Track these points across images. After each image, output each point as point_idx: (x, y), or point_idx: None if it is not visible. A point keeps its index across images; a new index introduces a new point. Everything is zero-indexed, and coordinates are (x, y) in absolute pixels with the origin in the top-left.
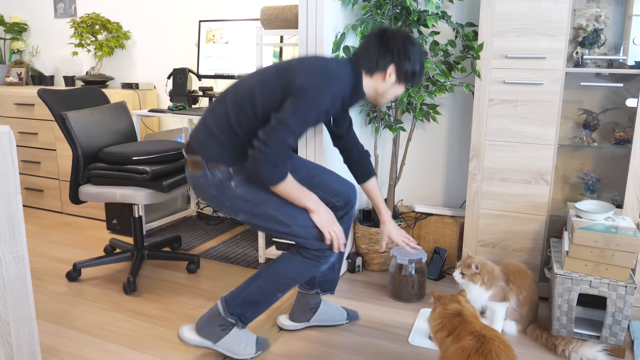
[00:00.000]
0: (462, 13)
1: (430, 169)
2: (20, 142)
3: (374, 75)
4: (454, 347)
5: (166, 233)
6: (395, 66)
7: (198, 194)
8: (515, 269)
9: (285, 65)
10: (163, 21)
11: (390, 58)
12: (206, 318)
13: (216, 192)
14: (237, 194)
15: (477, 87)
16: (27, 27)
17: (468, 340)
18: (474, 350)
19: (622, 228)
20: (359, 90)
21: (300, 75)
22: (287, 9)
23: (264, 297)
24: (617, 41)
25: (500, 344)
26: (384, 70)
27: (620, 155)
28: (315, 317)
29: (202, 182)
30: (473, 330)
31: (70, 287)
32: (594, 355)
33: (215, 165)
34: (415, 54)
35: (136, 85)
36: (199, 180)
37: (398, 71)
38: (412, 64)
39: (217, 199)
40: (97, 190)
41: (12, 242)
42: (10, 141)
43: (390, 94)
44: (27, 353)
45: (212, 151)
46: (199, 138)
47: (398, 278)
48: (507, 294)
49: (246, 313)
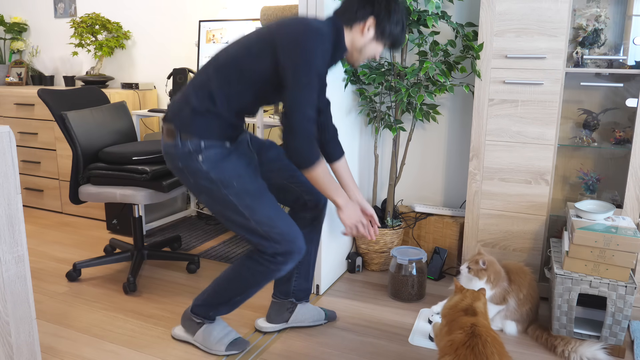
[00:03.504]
0: (462, 13)
1: (430, 169)
2: (20, 142)
3: (353, 27)
4: (445, 340)
5: (166, 233)
6: (375, 19)
7: (168, 165)
8: (513, 268)
9: (266, 30)
10: (163, 21)
11: (370, 10)
12: (184, 314)
13: (182, 165)
14: (202, 169)
15: (477, 87)
16: (27, 27)
17: (457, 334)
18: (462, 344)
19: (622, 228)
20: (340, 46)
21: (284, 36)
22: (287, 9)
23: (222, 299)
24: (617, 41)
25: (488, 337)
26: (362, 21)
27: (620, 155)
28: (293, 318)
29: (172, 152)
30: (463, 325)
31: (70, 287)
32: (593, 353)
33: (187, 135)
34: (397, 13)
35: (136, 85)
36: (170, 150)
37: (377, 25)
38: (392, 23)
39: (183, 173)
40: (97, 190)
41: (12, 242)
42: (10, 141)
43: (369, 51)
44: (27, 353)
45: (185, 119)
46: (175, 106)
47: (398, 278)
48: (507, 296)
49: (209, 312)
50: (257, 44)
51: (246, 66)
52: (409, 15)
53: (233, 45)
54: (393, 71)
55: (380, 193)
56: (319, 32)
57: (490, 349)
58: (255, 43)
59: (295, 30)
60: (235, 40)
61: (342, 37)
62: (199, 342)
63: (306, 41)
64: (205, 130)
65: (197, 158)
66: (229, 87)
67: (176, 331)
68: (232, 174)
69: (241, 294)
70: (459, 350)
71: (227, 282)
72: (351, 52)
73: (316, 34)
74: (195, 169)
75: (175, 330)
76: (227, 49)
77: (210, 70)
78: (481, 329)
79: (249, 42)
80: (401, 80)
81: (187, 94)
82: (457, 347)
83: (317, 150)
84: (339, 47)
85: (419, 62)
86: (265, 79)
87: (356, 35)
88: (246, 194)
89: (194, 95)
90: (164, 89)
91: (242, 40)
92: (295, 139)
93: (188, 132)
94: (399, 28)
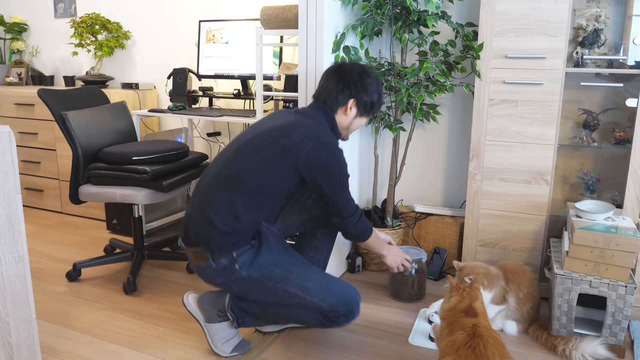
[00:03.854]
0: (462, 13)
1: (430, 169)
2: (20, 142)
3: (337, 111)
4: (446, 340)
5: (166, 233)
6: (355, 100)
7: (206, 282)
8: (512, 267)
9: (279, 149)
10: (163, 21)
11: (348, 92)
12: (212, 297)
13: (222, 280)
14: (244, 276)
15: (477, 87)
16: (27, 27)
17: (459, 334)
18: (463, 344)
19: (622, 228)
20: (337, 133)
21: (310, 166)
22: (287, 9)
23: (268, 318)
24: (617, 41)
25: (490, 338)
26: (344, 105)
27: (620, 155)
28: None
29: (208, 273)
30: (465, 326)
31: (70, 287)
32: (593, 349)
33: (219, 255)
34: (372, 85)
35: (136, 85)
36: (205, 271)
37: (357, 104)
38: (369, 95)
39: (225, 285)
40: (97, 190)
41: (12, 242)
42: (10, 141)
43: (354, 126)
44: (27, 353)
45: (214, 241)
46: (199, 231)
47: (398, 278)
48: (506, 295)
49: (245, 318)
50: (276, 164)
51: (268, 184)
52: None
53: (242, 155)
54: (393, 71)
55: (380, 193)
56: (336, 151)
57: (491, 350)
58: (273, 161)
59: (321, 159)
60: (242, 146)
61: (336, 125)
62: (208, 332)
63: (335, 168)
64: (236, 244)
65: (235, 268)
66: (252, 201)
67: (190, 301)
68: (270, 264)
69: (286, 322)
70: (460, 350)
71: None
72: (340, 131)
73: (337, 154)
74: (236, 278)
75: (190, 300)
76: (237, 159)
77: (223, 182)
78: (482, 329)
79: (263, 160)
80: (401, 80)
81: (207, 215)
82: (458, 348)
83: (369, 224)
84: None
85: (419, 62)
86: (292, 191)
87: (341, 117)
88: (291, 275)
89: (215, 215)
90: (164, 89)
91: (253, 150)
92: (355, 228)
93: (219, 252)
94: (376, 96)
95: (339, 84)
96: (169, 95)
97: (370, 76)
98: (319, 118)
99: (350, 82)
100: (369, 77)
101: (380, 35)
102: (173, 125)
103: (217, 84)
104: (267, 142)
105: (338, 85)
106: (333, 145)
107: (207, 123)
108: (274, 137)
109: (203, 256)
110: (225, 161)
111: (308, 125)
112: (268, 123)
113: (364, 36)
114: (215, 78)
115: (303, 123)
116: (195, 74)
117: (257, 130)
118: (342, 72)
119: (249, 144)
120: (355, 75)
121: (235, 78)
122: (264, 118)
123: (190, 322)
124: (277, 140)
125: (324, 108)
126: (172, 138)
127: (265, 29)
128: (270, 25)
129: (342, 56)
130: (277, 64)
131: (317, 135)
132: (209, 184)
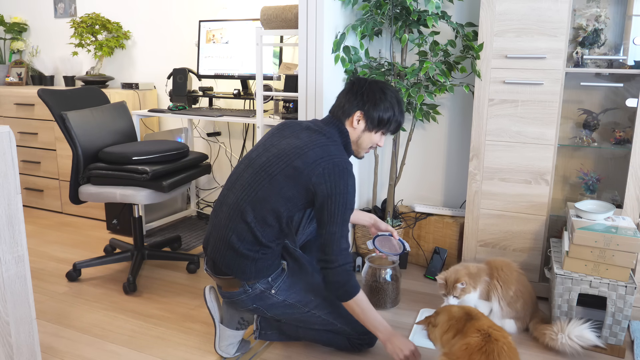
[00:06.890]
0: (462, 13)
1: (430, 169)
2: (20, 142)
3: (345, 122)
4: (460, 343)
5: (166, 233)
6: (362, 112)
7: (239, 307)
8: (499, 264)
9: (292, 171)
10: (163, 21)
11: (356, 103)
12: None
13: (257, 305)
14: (279, 300)
15: (477, 87)
16: (27, 27)
17: (474, 337)
18: (478, 348)
19: (622, 228)
20: (349, 149)
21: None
22: (287, 9)
23: (295, 337)
24: (617, 41)
25: (505, 344)
26: (351, 116)
27: (620, 155)
28: None
29: (243, 298)
30: (480, 328)
31: (70, 287)
32: (580, 332)
33: (254, 280)
34: (385, 101)
35: (136, 85)
36: (239, 297)
37: (365, 117)
38: (379, 111)
39: (259, 311)
40: (97, 190)
41: (12, 242)
42: (10, 141)
43: (365, 142)
44: (27, 353)
45: (245, 269)
46: (229, 261)
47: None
48: (491, 291)
49: (269, 331)
50: (291, 187)
51: (286, 209)
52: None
53: (258, 182)
54: (393, 71)
55: (380, 193)
56: (346, 174)
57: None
58: (288, 185)
59: (330, 181)
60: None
61: (349, 140)
62: (219, 333)
63: (341, 193)
64: (269, 268)
65: (270, 293)
66: (271, 229)
67: (212, 297)
68: (306, 289)
69: (306, 340)
70: (473, 355)
71: (315, 333)
72: (351, 146)
73: (346, 179)
74: (271, 303)
75: (212, 296)
76: (253, 186)
77: (243, 211)
78: (498, 333)
79: (279, 185)
80: (401, 80)
81: (233, 245)
82: (472, 352)
83: (355, 282)
84: (349, 151)
85: (419, 62)
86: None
87: (349, 129)
88: (325, 302)
89: (241, 245)
90: (164, 89)
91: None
92: (333, 273)
93: (253, 278)
94: (389, 114)
95: (348, 94)
96: (169, 95)
97: (385, 92)
98: (332, 136)
99: (359, 94)
100: (383, 93)
101: (380, 35)
102: (173, 125)
103: (217, 84)
104: (282, 167)
105: (347, 95)
106: (344, 168)
107: (207, 123)
108: (288, 159)
109: (237, 284)
110: (241, 188)
111: (322, 145)
112: (281, 142)
113: (364, 36)
114: (215, 78)
115: (317, 142)
116: (195, 74)
117: (270, 152)
118: (356, 84)
119: (264, 170)
120: (366, 87)
121: (235, 78)
122: (275, 134)
123: (190, 322)
124: (290, 163)
125: (337, 124)
126: (172, 138)
127: (265, 29)
128: (270, 25)
129: (342, 56)
130: (277, 64)
131: (330, 157)
132: (230, 215)
